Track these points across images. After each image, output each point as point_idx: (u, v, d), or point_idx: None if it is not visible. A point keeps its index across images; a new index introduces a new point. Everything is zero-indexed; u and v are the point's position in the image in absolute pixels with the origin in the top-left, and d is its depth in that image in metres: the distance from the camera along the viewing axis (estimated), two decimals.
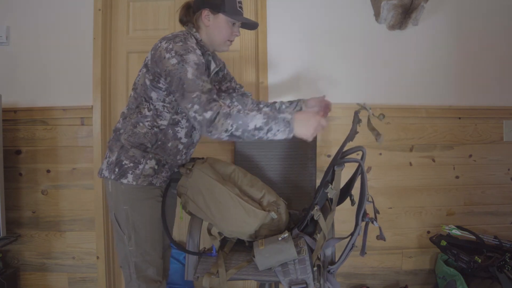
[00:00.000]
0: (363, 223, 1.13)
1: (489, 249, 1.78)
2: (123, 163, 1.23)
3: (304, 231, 1.31)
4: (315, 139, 1.73)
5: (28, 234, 1.88)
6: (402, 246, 1.98)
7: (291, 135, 1.06)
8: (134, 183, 1.22)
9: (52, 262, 1.90)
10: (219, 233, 1.36)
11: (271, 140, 1.08)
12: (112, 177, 1.23)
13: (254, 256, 1.20)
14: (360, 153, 1.20)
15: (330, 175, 1.21)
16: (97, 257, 1.86)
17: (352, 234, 1.13)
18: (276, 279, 1.18)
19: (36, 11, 1.87)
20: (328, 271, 1.18)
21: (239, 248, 1.38)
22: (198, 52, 1.17)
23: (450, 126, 1.97)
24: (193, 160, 1.43)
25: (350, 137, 1.19)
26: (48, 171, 1.87)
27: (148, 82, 1.22)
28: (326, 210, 1.23)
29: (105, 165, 1.28)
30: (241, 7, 1.26)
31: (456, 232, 1.84)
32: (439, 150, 1.98)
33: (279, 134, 1.06)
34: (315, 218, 1.23)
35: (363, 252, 1.15)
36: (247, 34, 1.96)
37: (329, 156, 1.91)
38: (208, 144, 1.94)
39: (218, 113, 1.04)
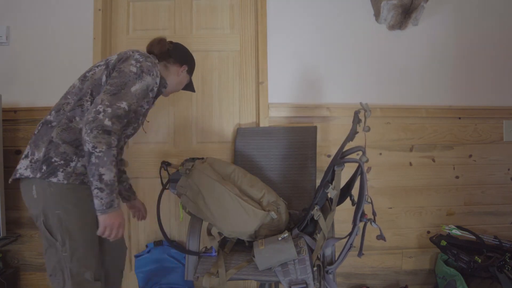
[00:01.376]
0: (361, 224, 1.13)
1: (489, 249, 1.78)
2: (53, 160, 1.12)
3: (304, 231, 1.31)
4: (315, 139, 1.73)
5: (28, 234, 1.88)
6: (402, 246, 1.98)
7: (97, 213, 1.09)
8: (65, 181, 1.13)
9: None
10: (219, 233, 1.36)
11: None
12: (38, 175, 1.12)
13: (254, 256, 1.20)
14: (360, 153, 1.20)
15: (330, 175, 1.22)
16: None
17: (350, 235, 1.13)
18: (276, 279, 1.18)
19: (36, 11, 1.87)
20: (326, 272, 1.18)
21: (239, 248, 1.38)
22: (157, 80, 1.25)
23: (450, 126, 1.97)
24: (193, 160, 1.43)
25: (350, 137, 1.19)
26: None
27: (104, 79, 1.20)
28: (326, 210, 1.23)
29: (25, 164, 1.16)
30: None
31: (456, 232, 1.84)
32: (439, 150, 1.98)
33: (97, 201, 1.07)
34: (315, 218, 1.23)
35: (360, 253, 1.15)
36: (247, 34, 1.96)
37: (329, 156, 1.91)
38: (208, 144, 1.94)
39: (110, 133, 1.06)
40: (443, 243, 1.80)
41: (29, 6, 1.87)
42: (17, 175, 1.16)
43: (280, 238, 1.21)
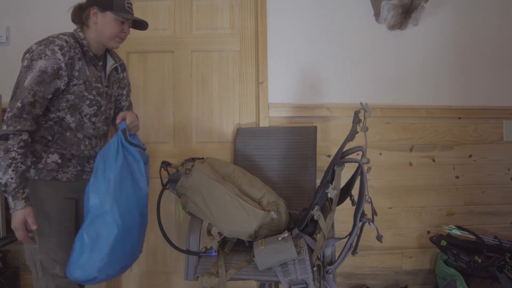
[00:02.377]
0: (360, 224, 1.13)
1: (489, 249, 1.78)
2: None
3: (304, 231, 1.31)
4: (315, 139, 1.73)
5: None
6: (402, 246, 1.98)
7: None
8: (36, 177, 1.21)
9: None
10: (219, 233, 1.36)
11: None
12: None
13: (254, 256, 1.20)
14: (360, 153, 1.20)
15: (330, 175, 1.21)
16: None
17: (350, 235, 1.13)
18: (276, 279, 1.18)
19: (36, 11, 1.87)
20: (326, 272, 1.18)
21: (239, 248, 1.38)
22: (57, 56, 1.18)
23: (450, 126, 1.97)
24: (193, 160, 1.43)
25: (350, 137, 1.19)
26: None
27: None
28: (326, 210, 1.23)
29: None
30: (130, 7, 1.32)
31: (456, 232, 1.84)
32: (439, 150, 1.98)
33: (10, 200, 1.10)
34: (315, 218, 1.23)
35: (354, 251, 1.15)
36: (247, 34, 1.96)
37: (329, 156, 1.91)
38: (208, 144, 1.94)
39: (7, 137, 1.10)
40: (443, 243, 1.80)
41: (29, 6, 1.87)
42: None
43: (280, 238, 1.21)
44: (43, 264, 1.22)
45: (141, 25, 1.39)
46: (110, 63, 1.38)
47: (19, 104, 1.13)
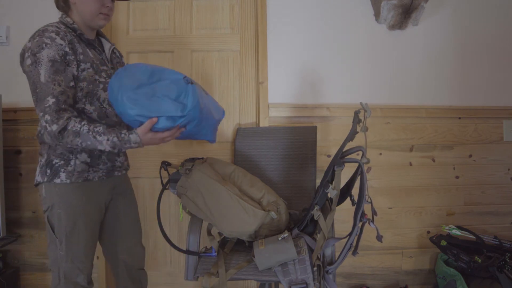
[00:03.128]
0: (360, 224, 1.13)
1: (489, 249, 1.78)
2: (54, 162, 1.17)
3: (304, 231, 1.31)
4: (315, 139, 1.73)
5: (28, 234, 1.88)
6: (402, 246, 1.98)
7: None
8: (68, 181, 1.16)
9: None
10: (219, 233, 1.36)
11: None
12: (45, 180, 1.16)
13: (254, 256, 1.20)
14: (360, 153, 1.20)
15: (330, 175, 1.21)
16: (97, 257, 1.85)
17: (350, 235, 1.13)
18: (276, 279, 1.18)
19: (36, 11, 1.87)
20: (326, 272, 1.18)
21: (239, 248, 1.38)
22: (58, 42, 1.10)
23: (450, 126, 1.97)
24: (193, 160, 1.43)
25: (350, 137, 1.19)
26: None
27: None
28: (326, 210, 1.23)
29: (37, 171, 1.21)
30: None
31: (456, 232, 1.84)
32: (439, 150, 1.98)
33: (126, 149, 1.14)
34: (315, 218, 1.23)
35: (355, 251, 1.15)
36: (247, 34, 1.96)
37: (329, 156, 1.91)
38: (208, 144, 1.94)
39: (65, 128, 1.06)
40: (443, 243, 1.80)
41: (29, 6, 1.87)
42: (35, 182, 1.22)
43: (280, 238, 1.21)
44: (66, 271, 1.18)
45: None
46: (107, 46, 1.32)
47: (51, 99, 1.06)
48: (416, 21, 1.89)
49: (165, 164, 1.53)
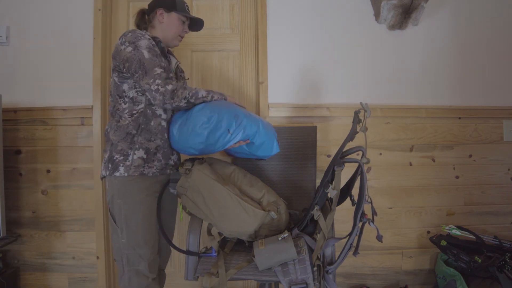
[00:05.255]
0: (360, 224, 1.13)
1: (489, 249, 1.78)
2: (114, 158, 1.31)
3: (304, 231, 1.31)
4: (315, 139, 1.73)
5: (28, 234, 1.88)
6: (402, 246, 1.98)
7: (225, 99, 1.34)
8: (126, 174, 1.29)
9: (52, 262, 1.90)
10: (219, 233, 1.35)
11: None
12: (107, 173, 1.31)
13: (254, 256, 1.20)
14: (360, 153, 1.20)
15: (330, 175, 1.21)
16: (97, 257, 1.86)
17: (350, 234, 1.13)
18: (276, 279, 1.18)
19: (36, 11, 1.87)
20: (326, 272, 1.18)
21: (239, 248, 1.38)
22: (148, 37, 1.30)
23: (450, 126, 1.97)
24: (193, 160, 1.43)
25: (350, 137, 1.19)
26: (48, 171, 1.87)
27: (116, 79, 1.33)
28: (326, 210, 1.23)
29: (102, 166, 1.36)
30: (188, 8, 1.46)
31: (456, 232, 1.84)
32: (439, 150, 1.98)
33: (216, 98, 1.32)
34: (315, 218, 1.23)
35: (356, 252, 1.15)
36: (247, 34, 1.96)
37: (329, 156, 1.91)
38: None
39: (177, 85, 1.25)
40: (443, 243, 1.80)
41: (29, 6, 1.87)
42: (100, 176, 1.37)
43: (280, 238, 1.21)
44: (129, 258, 1.29)
45: (196, 26, 1.52)
46: (174, 61, 1.47)
47: (159, 69, 1.24)
48: (416, 21, 1.89)
49: None
